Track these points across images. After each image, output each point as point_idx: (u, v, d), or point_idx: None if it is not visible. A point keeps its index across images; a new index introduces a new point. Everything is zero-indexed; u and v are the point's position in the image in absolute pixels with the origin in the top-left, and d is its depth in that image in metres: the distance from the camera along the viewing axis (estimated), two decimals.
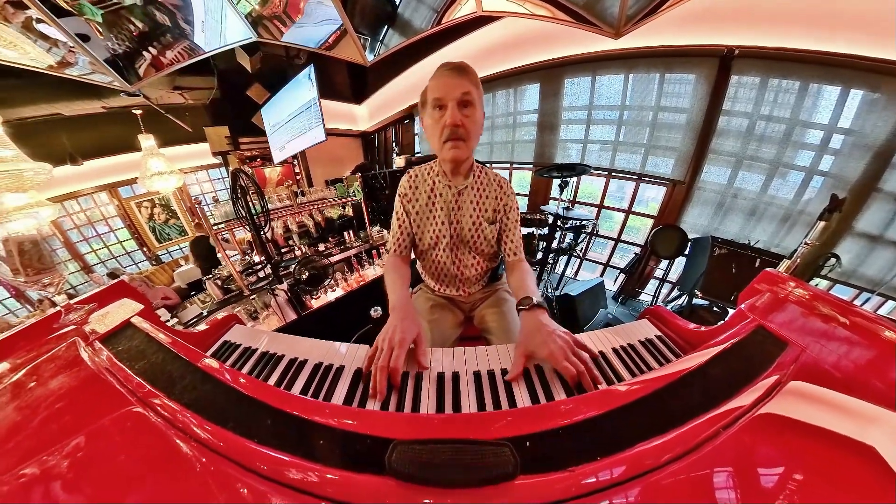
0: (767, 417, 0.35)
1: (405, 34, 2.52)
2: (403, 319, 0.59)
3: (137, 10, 1.74)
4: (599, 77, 2.61)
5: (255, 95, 3.94)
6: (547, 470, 0.32)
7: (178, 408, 0.41)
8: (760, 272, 0.63)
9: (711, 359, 0.46)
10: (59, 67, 1.89)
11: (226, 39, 2.18)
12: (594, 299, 2.27)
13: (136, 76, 2.11)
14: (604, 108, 2.69)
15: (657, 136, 2.47)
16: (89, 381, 0.48)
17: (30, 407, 0.45)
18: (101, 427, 0.38)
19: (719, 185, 2.28)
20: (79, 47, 1.71)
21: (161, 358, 0.52)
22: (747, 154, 2.12)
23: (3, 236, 2.19)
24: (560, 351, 0.51)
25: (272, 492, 0.31)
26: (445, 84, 0.68)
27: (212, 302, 1.85)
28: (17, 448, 0.38)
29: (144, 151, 3.17)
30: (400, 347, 0.53)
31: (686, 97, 2.26)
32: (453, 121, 0.66)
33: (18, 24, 1.53)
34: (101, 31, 1.73)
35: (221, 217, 1.87)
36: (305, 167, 4.71)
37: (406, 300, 0.68)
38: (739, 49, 1.94)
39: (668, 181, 2.50)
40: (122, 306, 0.69)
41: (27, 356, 0.58)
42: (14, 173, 2.08)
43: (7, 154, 2.04)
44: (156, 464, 0.35)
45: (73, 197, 4.18)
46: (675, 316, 0.67)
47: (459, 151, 0.70)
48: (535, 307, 0.61)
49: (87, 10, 1.59)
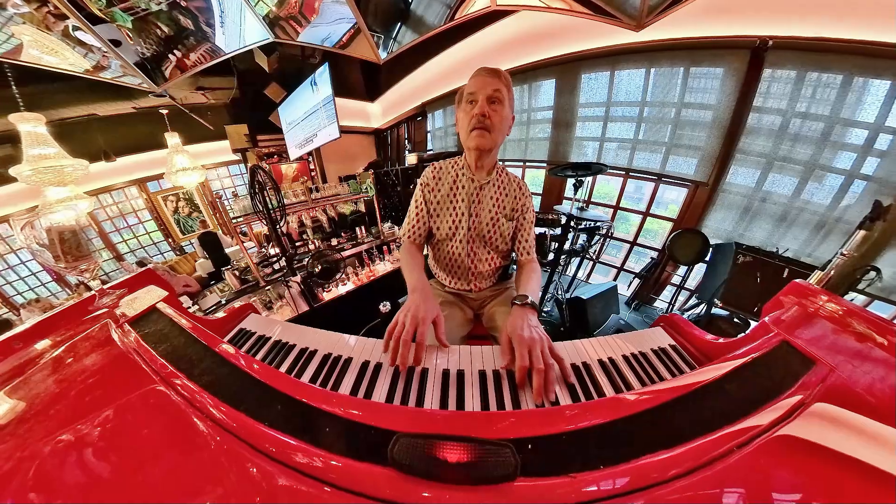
0: (787, 439, 0.33)
1: (418, 31, 2.53)
2: (425, 300, 0.62)
3: (163, 15, 1.85)
4: (619, 72, 2.52)
5: (272, 94, 4.09)
6: (547, 474, 0.32)
7: (196, 388, 0.44)
8: (788, 283, 0.60)
9: (729, 373, 0.44)
10: (95, 71, 2.07)
11: (245, 40, 2.27)
12: (606, 304, 2.22)
13: (163, 78, 2.25)
14: (623, 105, 2.59)
15: (680, 134, 2.36)
16: (118, 360, 0.53)
17: (67, 380, 0.51)
18: (128, 402, 0.43)
19: (746, 187, 2.15)
20: (111, 52, 1.85)
21: (182, 342, 0.56)
22: (779, 155, 1.98)
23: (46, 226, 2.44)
24: (529, 339, 0.53)
25: (279, 473, 0.33)
26: (480, 81, 0.75)
27: (230, 291, 1.99)
28: (56, 415, 0.43)
29: (170, 149, 3.37)
30: (423, 324, 0.56)
31: (713, 93, 2.14)
32: (481, 111, 0.73)
33: (59, 32, 1.69)
34: (131, 35, 1.86)
35: (240, 211, 1.98)
36: (320, 164, 4.85)
37: (425, 283, 0.71)
38: (773, 40, 1.81)
39: (690, 182, 2.38)
40: (148, 292, 0.76)
41: (66, 334, 0.66)
42: (56, 169, 2.28)
43: (50, 152, 2.24)
44: (175, 439, 0.38)
45: (107, 191, 4.58)
46: (692, 325, 0.65)
47: (484, 140, 0.75)
48: (528, 305, 0.64)
49: (118, 16, 1.71)
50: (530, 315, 0.61)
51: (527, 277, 0.81)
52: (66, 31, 1.69)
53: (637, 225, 2.90)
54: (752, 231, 2.17)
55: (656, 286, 2.72)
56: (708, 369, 0.47)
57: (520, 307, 0.64)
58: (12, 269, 4.24)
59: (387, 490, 0.31)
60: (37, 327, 0.70)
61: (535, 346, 0.52)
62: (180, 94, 3.65)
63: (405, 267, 0.80)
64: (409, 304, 0.62)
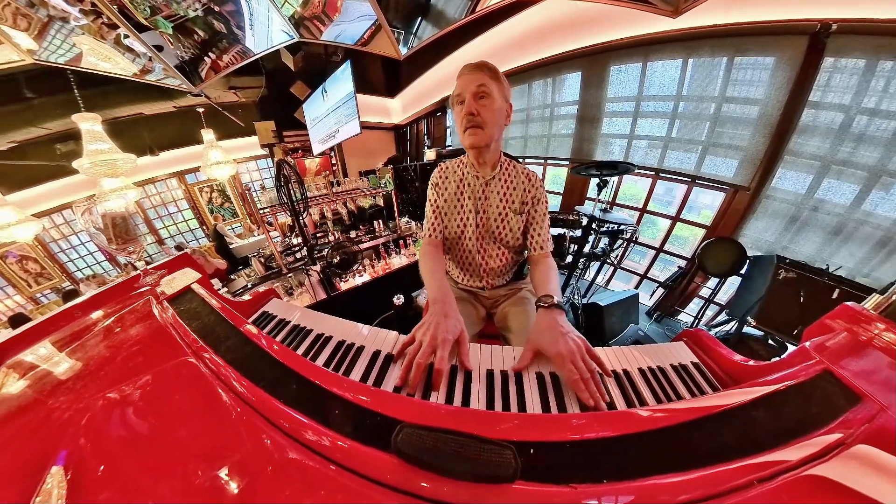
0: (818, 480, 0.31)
1: (438, 25, 2.53)
2: (448, 317, 0.58)
3: (199, 20, 2.02)
4: (652, 63, 2.35)
5: (297, 92, 4.30)
6: (547, 481, 0.32)
7: (222, 363, 0.49)
8: (838, 306, 0.55)
9: (757, 399, 0.41)
10: (141, 74, 2.32)
11: (272, 41, 2.41)
12: (625, 312, 2.13)
13: (199, 78, 2.46)
14: (655, 99, 2.42)
15: (719, 132, 2.16)
16: (157, 333, 0.60)
17: (115, 346, 0.60)
18: (164, 370, 0.49)
19: (795, 194, 1.92)
20: (155, 56, 2.06)
21: (212, 320, 0.62)
22: (838, 158, 1.75)
23: (102, 212, 2.80)
24: (568, 353, 0.51)
25: (290, 447, 0.35)
26: (464, 80, 0.74)
27: (255, 277, 2.17)
28: (105, 376, 0.52)
29: (206, 144, 3.68)
30: (443, 348, 0.52)
31: (760, 85, 1.93)
32: (469, 110, 0.72)
33: (111, 40, 1.91)
34: (172, 41, 2.05)
35: (267, 202, 2.14)
36: (341, 159, 5.04)
37: (447, 292, 0.67)
38: (838, 23, 1.59)
39: (728, 186, 2.18)
40: (185, 274, 0.85)
41: (115, 307, 0.77)
42: (110, 162, 2.59)
43: (105, 147, 2.54)
44: (201, 406, 0.42)
45: (151, 182, 5.13)
46: (719, 343, 0.62)
47: (476, 138, 0.75)
48: (553, 306, 0.62)
49: (161, 24, 1.90)
50: (558, 317, 0.59)
51: (544, 275, 0.77)
52: (117, 39, 1.91)
53: (665, 230, 2.71)
54: (798, 244, 1.95)
55: (682, 298, 2.54)
56: (733, 392, 0.45)
57: (546, 309, 0.61)
58: (74, 248, 4.91)
59: (388, 475, 0.32)
60: (92, 300, 0.84)
61: (575, 357, 0.51)
62: (214, 94, 3.98)
63: (426, 272, 0.78)
64: (429, 319, 0.58)
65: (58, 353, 0.64)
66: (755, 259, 1.90)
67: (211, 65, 2.40)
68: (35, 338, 0.72)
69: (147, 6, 1.77)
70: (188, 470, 0.33)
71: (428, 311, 0.61)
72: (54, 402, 0.47)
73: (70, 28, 1.80)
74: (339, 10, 2.25)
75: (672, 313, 2.57)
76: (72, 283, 4.76)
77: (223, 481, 0.32)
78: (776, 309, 1.61)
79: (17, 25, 1.68)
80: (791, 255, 1.78)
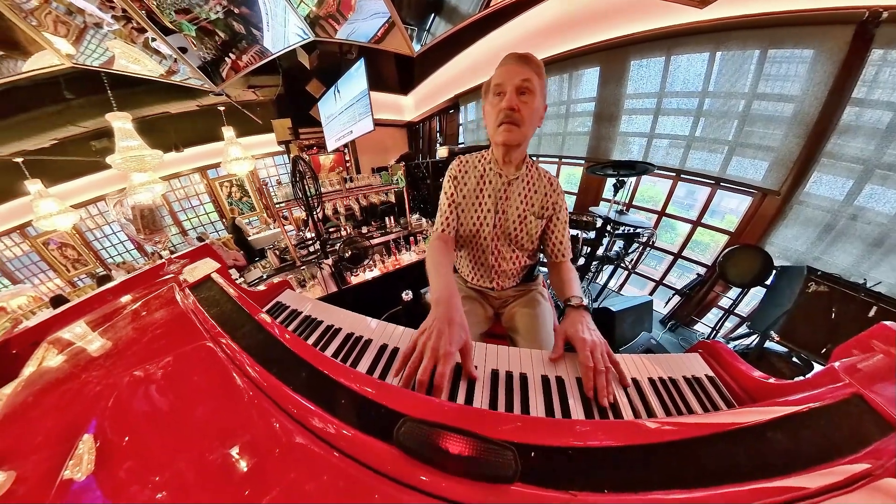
0: None
1: (452, 21, 2.53)
2: (452, 324, 0.53)
3: (220, 22, 2.13)
4: (675, 57, 2.25)
5: (312, 90, 4.44)
6: (547, 485, 0.32)
7: (237, 349, 0.51)
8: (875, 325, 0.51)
9: (776, 419, 0.39)
10: (167, 75, 2.48)
11: (288, 41, 2.50)
12: (637, 319, 2.09)
13: (221, 78, 2.60)
14: (678, 96, 2.33)
15: (748, 131, 2.05)
16: (179, 318, 0.65)
17: (141, 329, 0.67)
18: (184, 352, 0.52)
19: (832, 200, 1.80)
20: (180, 58, 2.20)
21: (229, 308, 0.66)
22: (883, 161, 1.62)
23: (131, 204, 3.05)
24: (591, 342, 0.54)
25: (297, 431, 0.37)
26: (507, 70, 0.70)
27: (270, 268, 2.29)
28: (132, 355, 0.58)
29: (226, 141, 3.88)
30: (444, 363, 0.47)
31: (796, 81, 1.81)
32: (509, 104, 0.69)
33: (140, 44, 2.06)
34: (195, 42, 2.18)
35: (283, 197, 2.25)
36: (355, 155, 5.17)
37: (453, 292, 0.62)
38: (889, 10, 1.46)
39: (756, 190, 2.08)
40: (205, 263, 0.90)
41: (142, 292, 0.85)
42: (139, 158, 2.79)
43: (135, 144, 2.75)
44: (217, 388, 0.45)
45: (176, 176, 5.47)
46: (737, 357, 0.59)
47: (512, 135, 0.72)
48: (582, 307, 0.65)
49: (185, 26, 2.03)
50: (586, 316, 0.62)
51: (568, 278, 0.79)
52: (145, 43, 2.06)
53: (684, 235, 2.62)
54: (832, 255, 1.83)
55: (699, 307, 2.45)
56: (750, 410, 0.44)
57: (575, 309, 0.64)
58: (107, 237, 5.34)
59: (388, 466, 0.33)
60: (122, 285, 0.93)
61: (595, 348, 0.53)
62: (235, 93, 4.19)
63: (431, 268, 0.72)
64: (431, 324, 0.53)
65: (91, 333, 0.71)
66: (782, 269, 1.81)
67: (231, 65, 2.53)
68: (72, 317, 0.81)
69: (172, 10, 1.89)
70: (203, 447, 0.36)
71: (431, 313, 0.57)
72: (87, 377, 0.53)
73: (103, 33, 1.96)
74: (354, 8, 2.30)
75: (688, 323, 2.49)
76: (105, 269, 5.19)
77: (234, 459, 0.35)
78: (803, 324, 1.53)
79: (57, 32, 1.85)
80: (823, 267, 1.68)
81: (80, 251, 5.14)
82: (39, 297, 4.19)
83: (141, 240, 3.44)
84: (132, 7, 1.78)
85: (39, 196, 3.13)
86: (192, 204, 5.83)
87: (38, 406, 0.50)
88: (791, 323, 1.56)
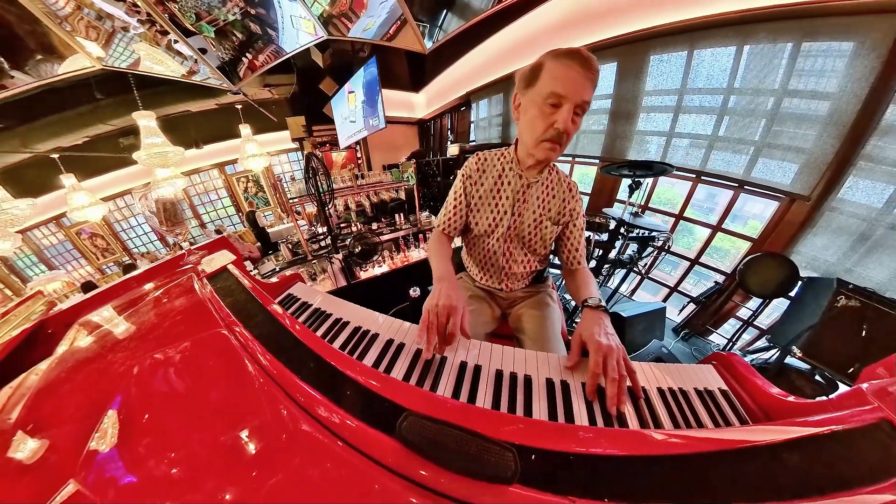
0: None
1: (464, 17, 2.53)
2: (453, 289, 0.63)
3: (238, 23, 2.23)
4: (699, 51, 2.16)
5: (326, 88, 4.55)
6: (545, 489, 0.32)
7: (249, 337, 0.54)
8: None
9: (793, 440, 0.37)
10: (188, 75, 2.63)
11: (302, 40, 2.57)
12: (649, 326, 2.05)
13: (238, 78, 2.72)
14: (701, 93, 2.23)
15: (777, 131, 1.95)
16: (197, 306, 0.69)
17: (162, 315, 0.73)
18: (201, 339, 0.56)
19: (868, 207, 1.69)
20: (200, 59, 2.32)
21: (243, 298, 0.68)
22: None
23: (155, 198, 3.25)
24: (607, 347, 0.52)
25: (303, 419, 0.39)
26: (573, 82, 0.61)
27: (283, 261, 2.38)
28: (153, 339, 0.64)
29: (243, 138, 4.05)
30: (455, 314, 0.58)
31: (834, 76, 1.70)
32: (565, 127, 0.63)
33: (164, 45, 2.20)
34: (214, 44, 2.30)
35: (296, 193, 2.33)
36: (366, 152, 5.27)
37: (451, 273, 0.71)
38: None
39: (783, 194, 1.97)
40: (222, 255, 0.93)
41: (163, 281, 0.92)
42: (162, 154, 2.96)
43: (159, 140, 2.92)
44: (229, 374, 0.48)
45: (196, 172, 5.77)
46: (755, 372, 0.57)
47: (554, 154, 0.69)
48: (600, 308, 0.63)
49: (205, 28, 2.14)
50: (605, 319, 0.60)
51: (585, 281, 0.79)
52: (168, 45, 2.20)
53: (703, 240, 2.52)
54: (866, 267, 1.71)
55: (716, 317, 2.36)
56: (765, 428, 0.42)
57: (592, 310, 0.63)
58: (133, 228, 5.72)
59: (389, 458, 0.34)
60: (146, 273, 1.01)
61: (611, 354, 0.52)
62: (251, 92, 4.38)
63: (433, 255, 0.79)
64: (436, 293, 0.61)
65: (117, 317, 0.78)
66: (809, 281, 1.71)
67: (248, 64, 2.64)
68: (100, 302, 0.89)
69: (192, 13, 1.99)
70: (215, 428, 0.39)
71: (434, 287, 0.65)
72: (112, 357, 0.58)
73: (130, 36, 2.11)
74: (366, 6, 2.34)
75: (702, 333, 2.40)
76: (130, 258, 5.57)
77: (244, 441, 0.37)
78: (829, 341, 1.45)
79: (88, 36, 2.00)
80: (855, 280, 1.57)
81: (108, 241, 5.53)
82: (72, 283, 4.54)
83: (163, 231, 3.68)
84: (155, 10, 1.89)
85: (73, 189, 3.39)
86: (210, 198, 6.13)
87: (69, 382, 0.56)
88: (816, 339, 1.48)
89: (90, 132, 4.11)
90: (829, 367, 1.43)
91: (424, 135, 5.64)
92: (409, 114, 5.31)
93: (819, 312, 1.49)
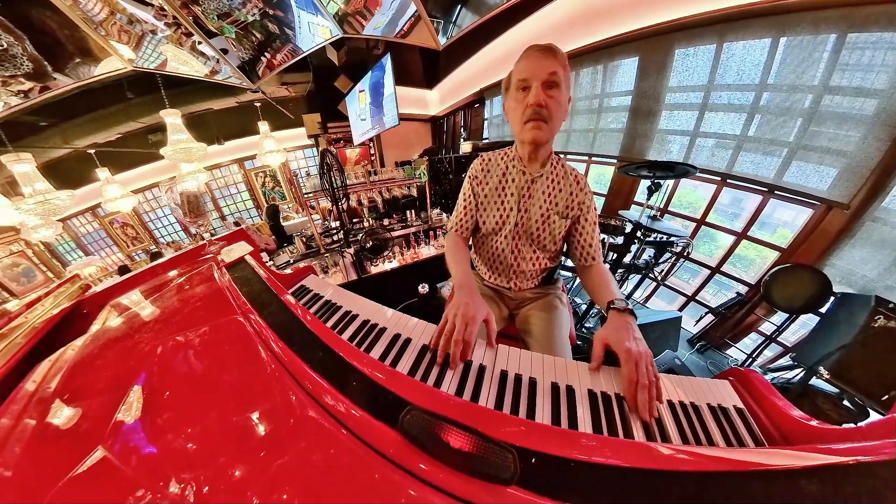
0: None
1: (479, 12, 2.52)
2: (473, 297, 0.63)
3: (257, 23, 2.33)
4: (729, 44, 2.05)
5: (341, 86, 4.67)
6: (544, 494, 0.32)
7: (264, 325, 0.57)
8: None
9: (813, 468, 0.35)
10: (211, 75, 2.79)
11: (318, 38, 2.65)
12: (662, 336, 2.00)
13: (257, 76, 2.85)
14: (730, 89, 2.12)
15: (814, 131, 1.83)
16: (216, 293, 0.73)
17: (184, 300, 0.79)
18: (218, 324, 0.59)
19: None
20: (221, 59, 2.46)
21: (259, 288, 0.72)
22: None
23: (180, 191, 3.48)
24: (637, 354, 0.52)
25: (311, 406, 0.41)
26: (532, 64, 0.67)
27: (297, 253, 2.49)
28: (175, 323, 0.69)
29: (261, 134, 4.21)
30: (473, 324, 0.58)
31: (881, 72, 1.57)
32: (537, 100, 0.66)
33: (188, 47, 2.34)
34: (235, 44, 2.42)
35: (311, 188, 2.42)
36: (379, 149, 5.37)
37: (471, 279, 0.72)
38: None
39: (818, 201, 1.85)
40: (240, 246, 0.99)
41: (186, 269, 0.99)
42: (187, 150, 3.14)
43: (183, 137, 3.09)
44: (244, 359, 0.51)
45: (217, 167, 6.14)
46: (775, 391, 0.54)
47: (540, 133, 0.70)
48: (626, 311, 0.61)
49: (226, 29, 2.26)
50: (631, 321, 0.59)
51: (604, 280, 0.76)
52: (192, 46, 2.34)
53: (726, 248, 2.41)
54: None
55: (735, 330, 2.25)
56: (783, 452, 0.40)
57: (619, 313, 0.61)
58: (159, 219, 6.17)
59: (391, 450, 0.35)
60: (171, 261, 1.10)
61: (641, 360, 0.51)
62: (269, 90, 4.58)
63: (451, 259, 0.81)
64: (457, 301, 0.62)
65: (144, 300, 0.85)
66: (843, 297, 1.60)
67: (266, 63, 2.76)
68: (129, 287, 0.98)
69: (214, 14, 2.10)
70: (228, 408, 0.42)
71: (455, 295, 0.66)
72: (139, 337, 0.63)
73: (158, 38, 2.26)
74: (380, 4, 2.37)
75: (720, 346, 2.29)
76: (157, 247, 6.01)
77: (254, 423, 0.40)
78: (862, 364, 1.35)
79: (121, 39, 2.16)
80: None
81: (137, 230, 5.99)
82: (105, 268, 4.93)
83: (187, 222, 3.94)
84: (181, 14, 2.02)
85: (107, 182, 3.67)
86: (230, 192, 6.48)
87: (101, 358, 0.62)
88: (847, 360, 1.39)
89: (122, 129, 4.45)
90: (861, 393, 1.34)
91: (437, 132, 5.66)
92: (422, 111, 5.34)
93: (852, 332, 1.40)
